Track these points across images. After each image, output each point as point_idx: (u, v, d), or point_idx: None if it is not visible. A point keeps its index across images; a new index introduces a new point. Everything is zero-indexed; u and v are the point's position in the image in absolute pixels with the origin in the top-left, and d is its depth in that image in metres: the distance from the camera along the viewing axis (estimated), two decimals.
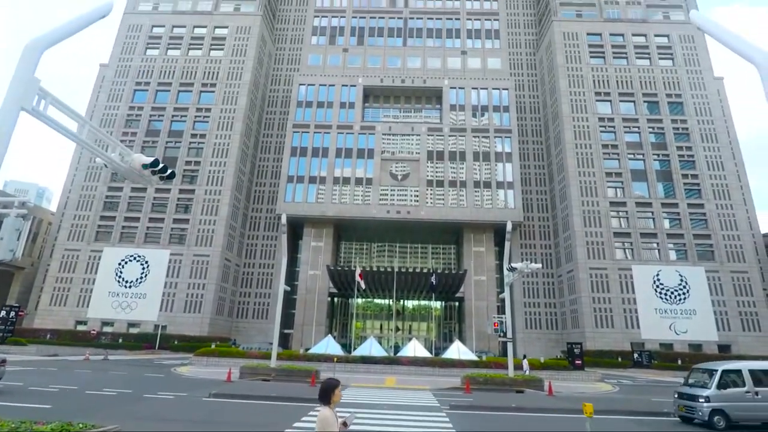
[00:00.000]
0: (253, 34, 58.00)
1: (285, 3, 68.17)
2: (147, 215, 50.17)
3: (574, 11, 58.54)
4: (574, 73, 54.60)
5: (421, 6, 64.21)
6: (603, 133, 52.06)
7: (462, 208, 51.29)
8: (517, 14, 66.06)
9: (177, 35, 58.21)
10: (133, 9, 59.91)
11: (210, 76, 55.91)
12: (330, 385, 4.18)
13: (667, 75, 54.17)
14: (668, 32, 56.33)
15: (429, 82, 57.61)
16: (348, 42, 62.19)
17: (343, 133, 54.79)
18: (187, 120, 53.79)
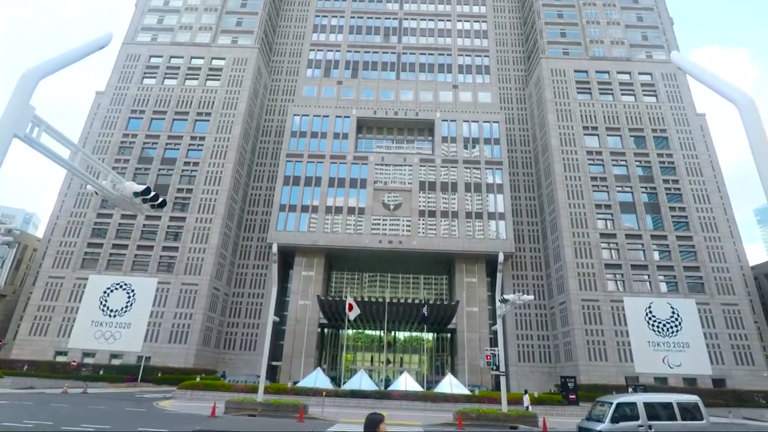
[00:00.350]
0: (249, 65, 59.19)
1: (281, 37, 70.00)
2: (136, 242, 49.55)
3: (561, 49, 60.72)
4: (562, 107, 56.13)
5: (414, 42, 66.30)
6: (591, 165, 53.08)
7: (454, 238, 51.41)
8: (506, 51, 68.39)
9: (174, 65, 59.19)
10: (131, 40, 61.05)
11: (205, 105, 56.57)
12: (374, 420, 4.14)
13: (652, 111, 55.85)
14: (651, 70, 58.48)
15: (421, 114, 58.80)
16: (342, 75, 63.67)
17: (336, 163, 55.28)
18: (181, 148, 54.02)
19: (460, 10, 68.90)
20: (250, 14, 63.41)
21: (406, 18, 68.20)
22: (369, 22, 67.84)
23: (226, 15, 63.49)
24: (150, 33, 62.00)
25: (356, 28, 67.30)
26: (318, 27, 67.62)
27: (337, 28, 67.40)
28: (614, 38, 61.07)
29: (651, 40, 61.26)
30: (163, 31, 62.11)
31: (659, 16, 62.94)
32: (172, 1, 64.27)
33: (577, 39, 61.31)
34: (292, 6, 72.35)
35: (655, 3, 64.06)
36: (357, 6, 69.21)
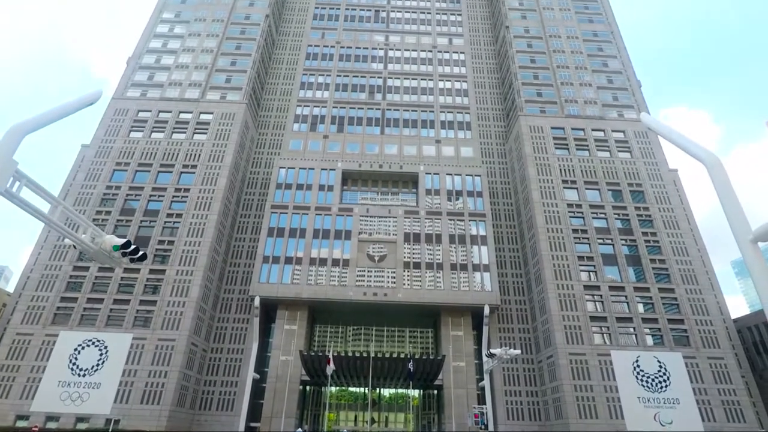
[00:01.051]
0: (237, 120, 60.53)
1: (269, 93, 72.31)
2: (112, 296, 47.80)
3: (538, 108, 63.87)
4: (541, 162, 58.15)
5: (398, 99, 69.12)
6: (572, 218, 54.27)
7: (439, 290, 50.99)
8: (486, 109, 71.61)
9: (162, 119, 60.16)
10: (121, 95, 62.27)
11: (191, 158, 57.01)
12: None
13: (627, 166, 58.20)
14: (624, 128, 61.58)
15: (405, 167, 60.17)
16: (328, 129, 65.43)
17: (321, 215, 55.46)
18: (165, 199, 53.71)
19: (441, 70, 72.70)
20: (240, 72, 65.73)
21: (390, 77, 71.53)
22: (354, 80, 70.88)
23: (216, 72, 65.67)
24: (140, 89, 63.45)
25: (342, 86, 70.12)
26: (305, 84, 70.28)
27: (323, 85, 70.13)
28: (587, 98, 64.68)
29: (621, 101, 65.03)
30: (153, 87, 63.65)
31: (628, 79, 67.24)
32: (163, 60, 66.43)
33: (552, 98, 64.73)
34: (281, 65, 75.39)
35: (623, 67, 68.64)
36: (343, 65, 72.52)
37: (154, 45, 68.16)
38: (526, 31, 72.45)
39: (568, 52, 69.65)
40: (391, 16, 79.69)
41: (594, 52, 70.18)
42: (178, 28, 70.47)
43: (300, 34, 78.15)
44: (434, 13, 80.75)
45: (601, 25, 73.82)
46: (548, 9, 75.25)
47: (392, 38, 76.52)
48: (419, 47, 75.50)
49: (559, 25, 72.97)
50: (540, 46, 70.71)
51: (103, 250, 9.47)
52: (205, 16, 71.67)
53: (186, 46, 68.08)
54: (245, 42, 69.28)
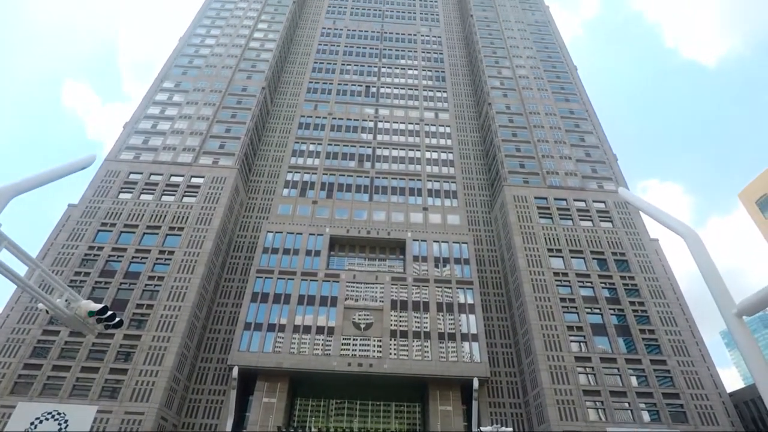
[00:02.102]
0: (227, 184, 61.28)
1: (261, 159, 74.04)
2: (81, 363, 45.05)
3: (521, 178, 66.20)
4: (526, 231, 59.15)
5: (386, 168, 71.22)
6: (559, 287, 54.23)
7: (427, 361, 49.24)
8: (471, 179, 73.93)
9: (153, 182, 60.64)
10: (114, 157, 63.14)
11: (179, 221, 56.80)
12: None
13: (610, 235, 59.43)
14: (604, 199, 63.68)
15: (393, 234, 60.57)
16: (318, 195, 66.43)
17: (307, 280, 54.60)
18: (148, 261, 52.64)
19: (428, 142, 75.87)
20: (234, 139, 67.70)
21: (379, 147, 74.22)
22: (345, 149, 73.34)
23: (210, 138, 67.52)
24: (133, 152, 64.55)
25: (333, 154, 72.35)
26: (297, 152, 72.39)
27: (314, 153, 72.30)
28: (567, 170, 67.44)
29: (600, 173, 67.93)
30: (147, 151, 64.85)
31: (605, 153, 70.76)
32: (159, 125, 68.41)
33: (535, 170, 67.35)
34: (274, 133, 77.99)
35: (600, 142, 72.52)
36: (334, 135, 75.36)
37: (152, 111, 70.48)
38: (508, 108, 76.98)
39: (547, 127, 73.70)
40: (381, 92, 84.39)
41: (571, 128, 74.40)
42: (177, 96, 73.39)
43: (294, 105, 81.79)
44: (421, 89, 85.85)
45: (576, 104, 78.99)
46: (527, 89, 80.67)
47: (382, 111, 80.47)
48: (407, 120, 79.28)
49: (537, 103, 77.85)
50: (521, 121, 74.84)
51: (77, 315, 9.09)
52: (204, 87, 75.03)
53: (183, 113, 70.51)
54: (241, 111, 72.10)
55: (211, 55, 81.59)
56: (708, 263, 7.26)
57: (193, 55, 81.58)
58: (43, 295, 8.42)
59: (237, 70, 79.03)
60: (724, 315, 6.37)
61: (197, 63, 79.77)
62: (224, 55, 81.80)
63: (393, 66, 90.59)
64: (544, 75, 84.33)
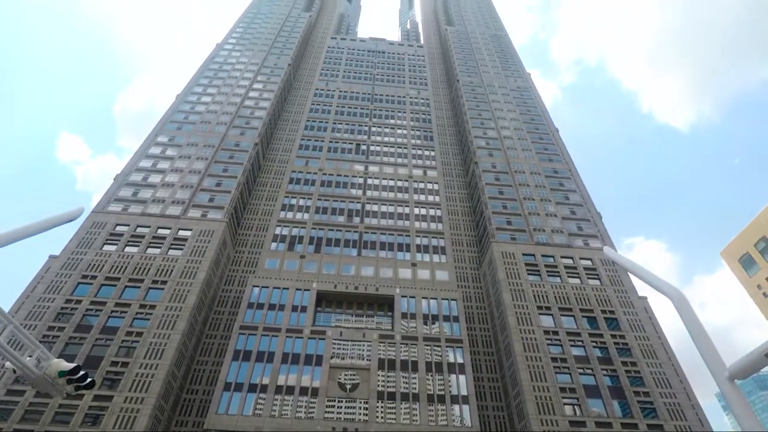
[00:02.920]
0: (215, 237, 60.78)
1: (251, 212, 74.12)
2: (45, 427, 41.92)
3: (508, 235, 66.88)
4: (515, 287, 58.88)
5: (375, 223, 71.67)
6: (550, 345, 53.20)
7: (415, 425, 46.84)
8: (460, 235, 74.49)
9: (139, 234, 59.93)
10: (102, 208, 62.73)
11: (163, 274, 55.57)
12: None
13: (598, 293, 59.35)
14: (590, 256, 64.26)
15: (381, 290, 59.77)
16: (306, 249, 66.04)
17: (291, 337, 52.85)
18: (127, 316, 50.79)
19: (417, 198, 77.13)
20: (224, 192, 68.09)
21: (369, 202, 75.10)
22: (334, 204, 74.03)
23: (200, 192, 67.81)
24: (122, 203, 64.32)
25: (322, 209, 72.86)
26: (286, 206, 72.80)
27: (304, 207, 72.76)
28: (554, 227, 68.50)
29: (586, 230, 69.05)
30: (136, 203, 64.69)
31: (589, 211, 72.38)
32: (150, 178, 68.80)
33: (522, 227, 68.29)
34: (264, 187, 78.73)
35: (583, 200, 74.39)
36: (324, 190, 76.34)
37: (144, 164, 71.12)
38: (494, 167, 79.35)
39: (532, 186, 75.73)
40: (371, 149, 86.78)
41: (556, 186, 76.54)
42: (170, 150, 74.51)
43: (285, 161, 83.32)
44: (410, 148, 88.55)
45: (560, 163, 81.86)
46: (512, 149, 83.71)
47: (371, 168, 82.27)
48: (396, 176, 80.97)
49: (522, 163, 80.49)
50: (507, 179, 76.89)
51: (47, 376, 8.63)
52: (197, 142, 76.49)
53: (175, 166, 71.25)
54: (232, 166, 73.15)
55: (207, 112, 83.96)
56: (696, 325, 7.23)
57: (189, 111, 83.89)
58: (12, 353, 8.02)
59: (231, 126, 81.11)
60: (716, 379, 6.26)
61: (192, 119, 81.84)
62: (219, 112, 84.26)
63: (383, 125, 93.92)
64: (528, 136, 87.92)
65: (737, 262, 59.64)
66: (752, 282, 57.73)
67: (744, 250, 58.03)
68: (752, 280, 57.62)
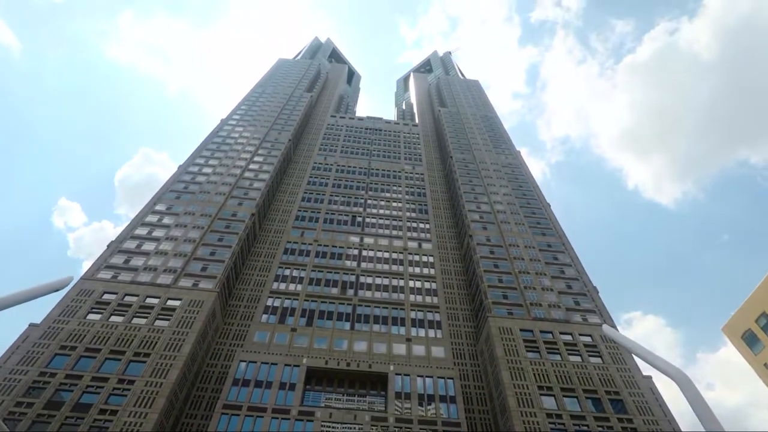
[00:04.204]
0: (204, 308, 59.09)
1: (243, 283, 72.83)
2: None
3: (505, 309, 65.50)
4: (514, 365, 56.47)
5: (369, 296, 70.39)
6: (554, 431, 49.88)
7: None
8: (455, 308, 72.90)
9: (126, 303, 58.26)
10: (91, 275, 61.53)
11: (146, 346, 53.17)
12: None
13: (601, 372, 56.88)
14: (590, 332, 62.51)
15: (375, 366, 57.12)
16: (297, 322, 64.07)
17: (278, 418, 49.35)
18: (103, 392, 47.68)
19: (412, 270, 76.59)
20: (217, 262, 67.41)
21: (363, 274, 74.35)
22: (328, 275, 73.19)
23: (193, 261, 67.11)
24: (112, 271, 63.25)
25: (315, 280, 71.91)
26: (279, 276, 71.84)
27: (297, 278, 71.78)
28: (551, 302, 67.35)
29: (583, 305, 67.83)
30: (126, 270, 63.64)
31: (585, 285, 71.66)
32: (144, 246, 68.38)
33: (518, 301, 67.11)
34: (258, 257, 78.18)
35: (579, 274, 73.97)
36: (318, 261, 75.86)
37: (139, 232, 71.06)
38: (488, 240, 79.83)
39: (527, 259, 75.67)
40: (366, 221, 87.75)
41: (550, 260, 76.50)
42: (167, 218, 74.89)
43: (281, 232, 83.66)
44: (405, 220, 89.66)
45: (553, 237, 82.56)
46: (505, 223, 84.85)
47: (366, 240, 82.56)
48: (391, 249, 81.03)
49: (516, 236, 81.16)
50: (501, 252, 76.99)
51: None
52: (194, 211, 77.20)
53: (170, 235, 71.19)
54: (228, 235, 73.20)
55: (207, 183, 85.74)
56: (705, 409, 6.78)
57: (190, 181, 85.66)
58: None
59: (230, 196, 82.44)
60: None
61: (192, 189, 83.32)
62: (219, 182, 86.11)
63: (379, 198, 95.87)
64: (520, 210, 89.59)
65: (740, 339, 57.99)
66: (758, 360, 55.74)
67: (746, 326, 56.68)
68: (758, 358, 55.68)
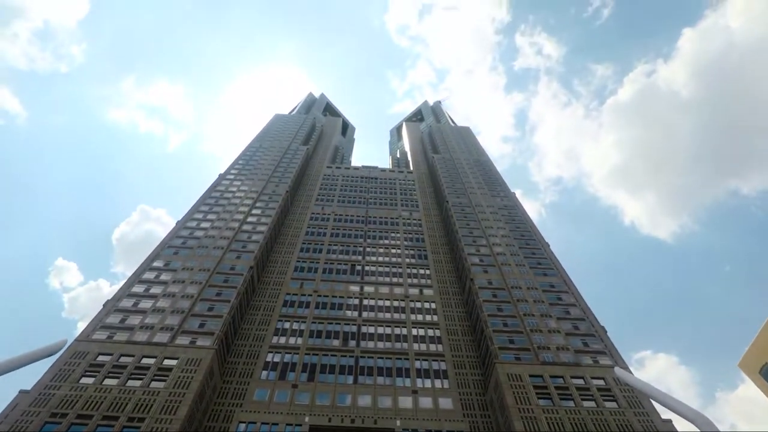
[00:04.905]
0: (202, 367, 57.17)
1: (242, 338, 70.96)
2: None
3: (512, 355, 63.58)
4: (526, 415, 54.03)
5: (372, 346, 68.50)
6: None
7: None
8: (461, 356, 70.73)
9: (122, 364, 56.37)
10: (86, 337, 59.91)
11: (141, 410, 50.88)
12: None
13: (617, 417, 54.34)
14: (602, 375, 60.30)
15: (380, 422, 54.64)
16: (298, 378, 61.86)
17: None
18: None
19: (414, 318, 75.10)
20: (216, 317, 66.01)
21: (365, 324, 72.77)
22: (329, 327, 71.60)
23: (191, 317, 65.73)
24: (108, 331, 61.69)
25: (316, 333, 70.23)
26: (279, 330, 70.20)
27: (297, 332, 70.14)
28: (559, 344, 65.51)
29: (592, 346, 65.91)
30: (122, 330, 62.10)
31: (592, 325, 70.03)
32: (141, 303, 67.18)
33: (525, 345, 65.26)
34: (257, 311, 76.70)
35: (584, 314, 72.50)
36: (318, 312, 74.47)
37: (136, 290, 70.04)
38: (490, 283, 78.92)
39: (530, 301, 74.48)
40: (365, 270, 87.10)
41: (554, 301, 75.29)
42: (164, 275, 74.10)
43: (280, 284, 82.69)
44: (405, 267, 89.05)
45: (555, 277, 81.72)
46: (506, 265, 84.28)
47: (367, 288, 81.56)
48: (392, 296, 79.89)
49: (518, 278, 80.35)
50: (504, 295, 75.87)
51: None
52: (193, 266, 76.60)
53: (168, 291, 70.18)
54: (226, 289, 72.20)
55: (205, 237, 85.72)
56: None
57: (188, 236, 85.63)
58: None
59: (228, 250, 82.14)
60: None
61: (190, 244, 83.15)
62: (217, 236, 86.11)
63: (377, 246, 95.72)
64: (520, 251, 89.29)
65: (758, 375, 55.98)
66: None
67: (763, 360, 54.94)
68: None
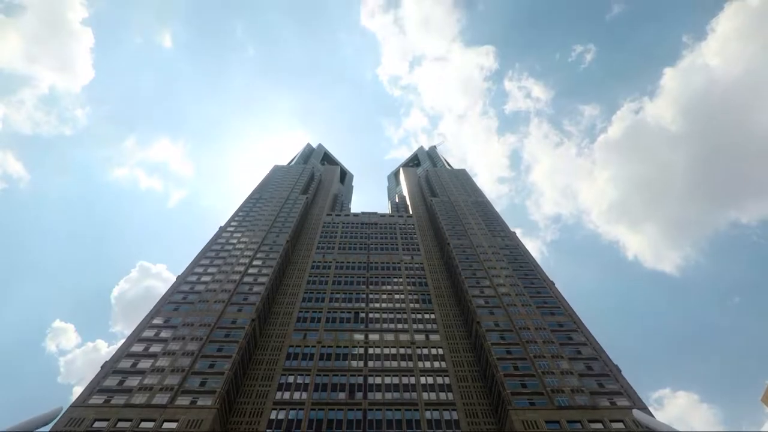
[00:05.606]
0: (203, 428, 54.70)
1: (244, 395, 68.34)
2: None
3: (526, 400, 61.09)
4: None
5: (380, 398, 65.89)
6: None
7: None
8: (473, 404, 67.85)
9: (119, 430, 53.93)
10: (82, 402, 57.69)
11: None
12: None
13: None
14: (621, 417, 57.70)
15: None
16: None
17: None
18: None
19: (422, 365, 72.80)
20: (217, 374, 63.94)
21: (371, 374, 70.43)
22: (334, 379, 69.21)
23: (191, 375, 63.68)
24: (105, 395, 59.51)
25: (321, 386, 67.77)
26: (283, 385, 67.75)
27: (302, 386, 67.71)
28: (573, 386, 63.14)
29: (608, 387, 63.47)
30: (120, 393, 59.91)
31: (606, 365, 67.79)
32: (140, 363, 65.26)
33: (538, 389, 62.89)
34: (260, 366, 74.40)
35: (596, 352, 70.41)
36: (323, 364, 72.23)
37: (135, 349, 68.30)
38: (497, 325, 77.23)
39: (540, 341, 72.60)
40: (369, 317, 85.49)
41: (564, 341, 73.38)
42: (164, 332, 72.53)
43: (283, 336, 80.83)
44: (409, 312, 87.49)
45: (562, 316, 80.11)
46: (512, 305, 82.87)
47: (372, 336, 79.70)
48: (398, 344, 77.90)
49: (525, 319, 78.74)
50: (512, 337, 74.04)
51: None
52: (193, 322, 75.14)
53: (168, 349, 68.41)
54: (228, 344, 70.43)
55: (206, 291, 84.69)
56: None
57: (188, 291, 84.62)
58: None
59: (229, 303, 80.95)
60: None
61: (191, 299, 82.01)
62: (218, 290, 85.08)
63: (380, 292, 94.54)
64: (525, 291, 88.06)
65: None
66: None
67: None
68: None
